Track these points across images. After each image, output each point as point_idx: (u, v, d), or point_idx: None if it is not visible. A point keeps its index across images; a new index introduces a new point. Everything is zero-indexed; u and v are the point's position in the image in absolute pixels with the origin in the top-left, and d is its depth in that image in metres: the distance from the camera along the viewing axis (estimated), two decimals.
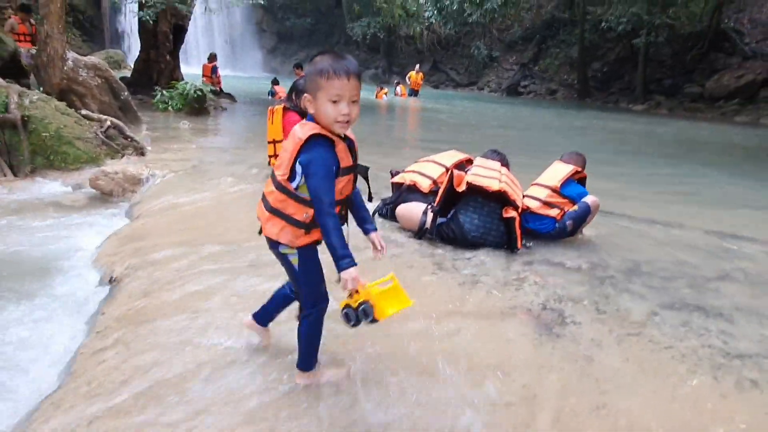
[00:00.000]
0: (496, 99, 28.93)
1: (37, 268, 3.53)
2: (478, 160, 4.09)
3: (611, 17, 27.78)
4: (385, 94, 21.37)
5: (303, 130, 1.88)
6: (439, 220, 3.88)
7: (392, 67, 38.13)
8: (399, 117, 16.68)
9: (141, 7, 11.72)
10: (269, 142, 5.43)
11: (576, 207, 3.99)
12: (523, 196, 4.02)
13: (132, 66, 14.21)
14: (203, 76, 14.50)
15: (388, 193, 4.60)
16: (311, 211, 1.88)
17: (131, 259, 3.49)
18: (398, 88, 22.99)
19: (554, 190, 4.03)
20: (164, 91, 10.64)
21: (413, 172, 4.43)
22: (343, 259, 1.82)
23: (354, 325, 1.88)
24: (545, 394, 2.15)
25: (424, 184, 4.26)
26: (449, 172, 3.90)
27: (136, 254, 3.58)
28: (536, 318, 2.82)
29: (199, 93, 10.42)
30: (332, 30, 41.82)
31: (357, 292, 1.86)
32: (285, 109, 5.32)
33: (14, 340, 2.66)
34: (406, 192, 4.31)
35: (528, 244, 3.86)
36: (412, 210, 4.04)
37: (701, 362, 2.41)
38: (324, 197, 1.81)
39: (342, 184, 1.92)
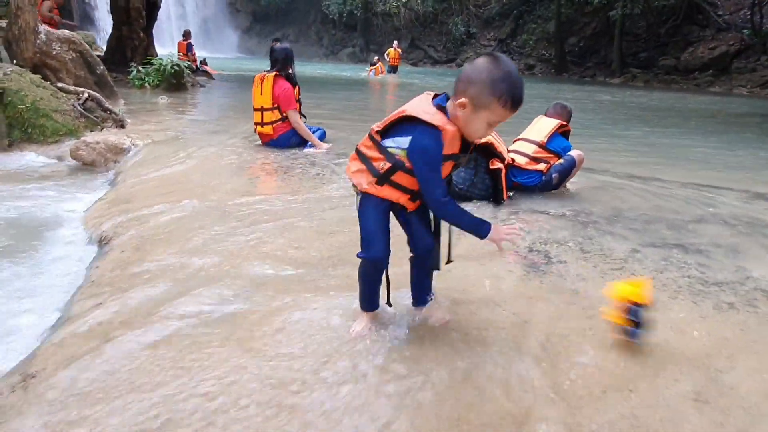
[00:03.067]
0: None
1: (27, 231, 3.51)
2: None
3: None
4: (374, 69, 21.58)
5: (429, 111, 1.77)
6: None
7: (369, 45, 37.83)
8: (387, 90, 16.64)
9: None
10: (256, 109, 5.42)
11: (562, 160, 4.07)
12: (509, 151, 4.09)
13: (104, 48, 13.86)
14: (178, 53, 14.26)
15: None
16: (388, 165, 1.84)
17: (118, 218, 3.48)
18: (378, 65, 22.87)
19: (541, 146, 4.09)
20: (140, 68, 10.45)
21: None
22: (482, 225, 1.82)
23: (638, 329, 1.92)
24: (535, 320, 2.24)
25: None
26: None
27: (123, 214, 3.57)
28: (523, 258, 2.91)
29: (176, 68, 10.26)
30: (308, 8, 41.26)
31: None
32: (276, 76, 5.31)
33: (11, 295, 2.66)
34: None
35: (511, 194, 3.94)
36: None
37: (681, 290, 2.52)
38: (436, 189, 1.76)
39: (445, 170, 1.85)
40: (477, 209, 3.69)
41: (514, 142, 4.25)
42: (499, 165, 3.79)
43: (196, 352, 1.94)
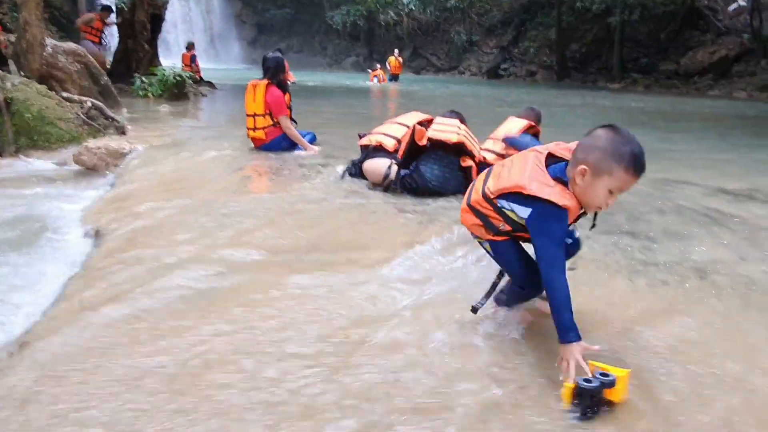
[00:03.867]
0: (477, 82, 29.25)
1: (31, 227, 3.79)
2: (438, 119, 4.39)
3: None
4: (376, 76, 22.03)
5: (549, 185, 1.73)
6: (402, 172, 4.19)
7: (373, 54, 38.28)
8: (386, 97, 16.95)
9: None
10: (249, 115, 5.70)
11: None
12: (481, 150, 4.34)
13: (110, 60, 14.32)
14: (183, 65, 14.65)
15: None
16: (509, 227, 1.87)
17: (115, 215, 3.76)
18: (380, 73, 23.23)
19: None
20: (143, 78, 10.82)
21: (378, 133, 4.72)
22: (569, 330, 1.68)
23: (594, 389, 1.55)
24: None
25: (389, 144, 4.55)
26: (412, 128, 4.20)
27: (119, 211, 3.84)
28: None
29: (178, 78, 10.62)
30: (312, 19, 41.84)
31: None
32: (268, 84, 5.60)
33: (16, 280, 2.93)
34: (372, 152, 4.60)
35: None
36: (377, 164, 4.34)
37: (621, 269, 2.75)
38: (555, 265, 1.72)
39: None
40: (449, 204, 3.93)
41: (486, 141, 4.50)
42: (471, 163, 4.04)
43: (172, 321, 2.19)
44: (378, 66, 24.75)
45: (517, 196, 1.78)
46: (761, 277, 2.74)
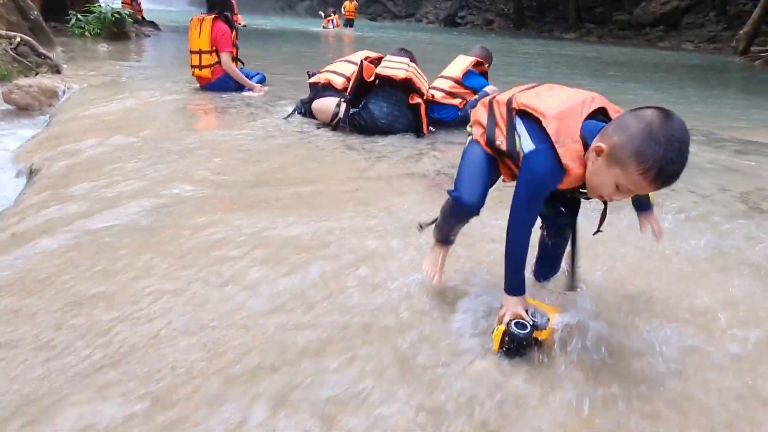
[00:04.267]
0: (434, 30, 28.79)
1: None
2: (388, 57, 4.32)
3: None
4: (331, 20, 21.27)
5: (572, 137, 1.47)
6: (351, 110, 4.13)
7: None
8: (341, 42, 16.51)
9: None
10: (193, 52, 5.45)
11: (477, 96, 4.32)
12: (430, 88, 4.31)
13: None
14: (122, 3, 13.77)
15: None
16: (505, 147, 1.61)
17: (49, 153, 3.58)
18: (334, 18, 22.52)
19: (456, 81, 4.34)
20: (80, 15, 10.13)
21: (327, 71, 4.62)
22: (513, 284, 1.61)
23: (525, 336, 1.52)
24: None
25: (338, 81, 4.47)
26: (360, 63, 4.12)
27: (53, 149, 3.67)
28: (430, 180, 3.18)
29: (117, 16, 10.01)
30: None
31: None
32: (215, 18, 5.33)
33: None
34: (321, 90, 4.51)
35: (433, 129, 4.19)
36: (326, 103, 4.27)
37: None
38: (524, 214, 1.56)
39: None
40: (398, 141, 3.93)
41: (435, 79, 4.47)
42: (419, 100, 4.02)
43: (108, 253, 2.13)
44: (332, 11, 23.95)
45: (533, 125, 1.53)
46: (688, 205, 2.88)
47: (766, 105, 7.62)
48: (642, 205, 1.72)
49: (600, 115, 1.54)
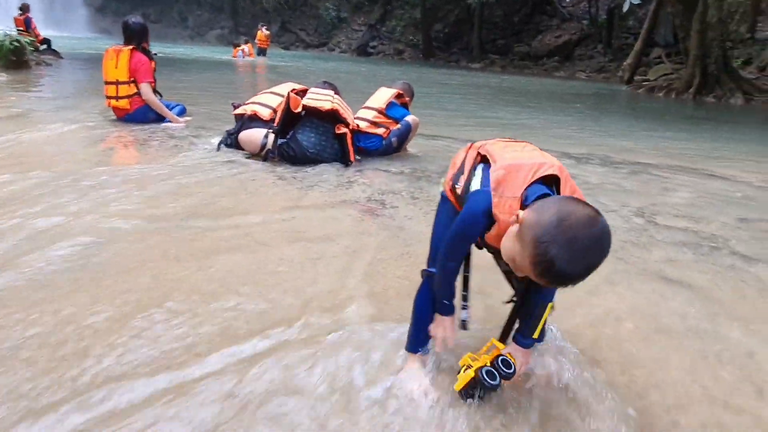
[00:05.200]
0: (347, 59, 29.40)
1: None
2: (312, 89, 4.47)
3: None
4: (241, 50, 21.00)
5: (515, 193, 1.38)
6: (279, 140, 4.22)
7: (239, 28, 36.78)
8: (256, 72, 16.45)
9: None
10: (109, 83, 5.30)
11: (399, 126, 4.57)
12: (355, 118, 4.50)
13: None
14: (17, 28, 12.99)
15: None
16: (460, 190, 1.61)
17: None
18: (246, 47, 22.37)
19: (380, 111, 4.56)
20: None
21: (253, 103, 4.69)
22: (444, 306, 1.59)
23: (495, 387, 1.47)
24: (363, 250, 2.64)
25: (264, 113, 4.55)
26: (287, 95, 4.23)
27: None
28: (362, 206, 3.32)
29: (16, 44, 9.43)
30: None
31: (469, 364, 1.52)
32: (133, 49, 5.23)
33: None
34: (247, 121, 4.57)
35: (359, 158, 4.37)
36: (254, 134, 4.33)
37: None
38: (449, 251, 1.54)
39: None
40: (327, 170, 4.05)
41: (359, 110, 4.68)
42: (345, 130, 4.18)
43: (44, 293, 2.08)
44: (245, 40, 23.83)
45: (488, 171, 1.50)
46: None
47: (649, 129, 8.51)
48: (523, 337, 1.59)
49: (553, 184, 1.46)
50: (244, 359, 1.70)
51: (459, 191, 1.61)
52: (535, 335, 1.57)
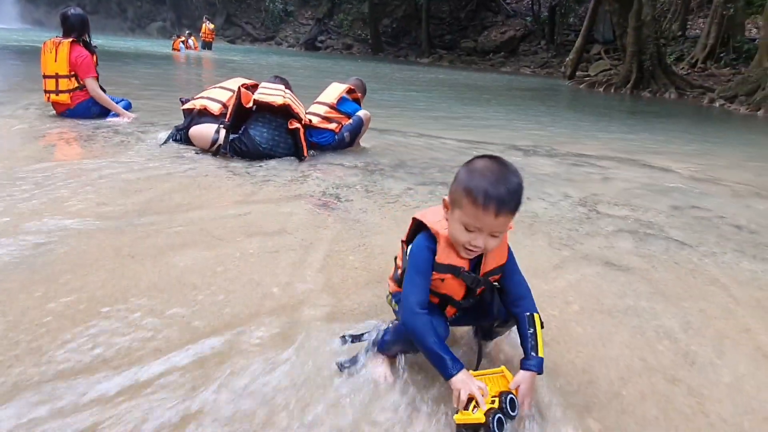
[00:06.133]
0: (295, 53, 29.09)
1: None
2: (263, 84, 4.44)
3: None
4: (182, 42, 20.33)
5: (437, 216, 1.55)
6: (231, 136, 4.18)
7: (181, 20, 35.68)
8: (201, 66, 16.03)
9: None
10: (48, 77, 5.08)
11: (351, 120, 4.61)
12: (307, 113, 4.51)
13: None
14: None
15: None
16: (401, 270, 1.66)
17: None
18: (190, 41, 21.79)
19: (331, 107, 4.59)
20: None
21: (202, 98, 4.62)
22: (447, 364, 1.43)
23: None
24: (319, 243, 2.68)
25: (214, 108, 4.49)
26: (237, 90, 4.19)
27: None
28: (317, 200, 3.35)
29: None
30: None
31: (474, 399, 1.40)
32: (73, 42, 5.03)
33: None
34: (197, 116, 4.49)
35: (313, 153, 4.38)
36: (204, 129, 4.27)
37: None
38: (410, 296, 1.49)
39: (449, 287, 1.57)
40: (281, 165, 4.05)
41: (311, 105, 4.68)
42: (297, 125, 4.18)
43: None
44: (188, 32, 23.18)
45: (419, 235, 1.60)
46: (541, 211, 3.37)
47: (591, 123, 8.89)
48: (528, 360, 1.52)
49: None
50: (205, 356, 1.71)
51: (400, 273, 1.67)
52: (540, 353, 1.52)
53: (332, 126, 4.56)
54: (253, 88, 4.62)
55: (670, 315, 2.21)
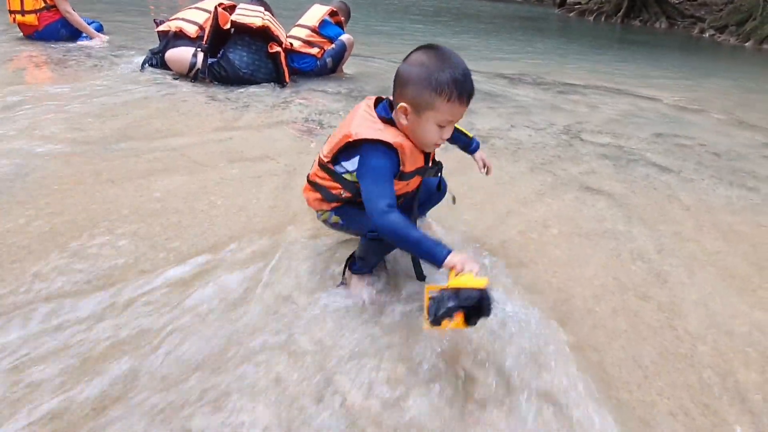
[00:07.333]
0: None
1: None
2: (241, 5, 4.25)
3: None
4: None
5: (377, 128, 1.48)
6: (210, 60, 4.04)
7: None
8: None
9: None
10: None
11: (333, 45, 4.46)
12: (288, 37, 4.35)
13: None
14: None
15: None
16: (348, 194, 1.62)
17: None
18: None
19: (313, 30, 4.42)
20: None
21: (178, 19, 4.42)
22: (437, 248, 1.35)
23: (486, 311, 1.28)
24: (301, 168, 2.66)
25: (191, 30, 4.31)
26: (214, 10, 4.01)
27: None
28: (299, 125, 3.30)
29: None
30: None
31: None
32: None
33: None
34: (173, 39, 4.32)
35: (294, 78, 4.27)
36: (181, 53, 4.11)
37: None
38: (379, 200, 1.41)
39: (406, 183, 1.59)
40: (262, 90, 3.95)
41: (292, 28, 4.51)
42: (278, 49, 4.05)
43: None
44: None
45: (348, 151, 1.54)
46: (525, 138, 3.37)
47: (579, 51, 8.73)
48: (468, 147, 1.91)
49: (380, 100, 1.61)
50: (189, 276, 1.73)
51: (347, 196, 1.64)
52: (469, 135, 1.92)
53: (314, 51, 4.41)
54: (231, 9, 4.42)
55: (645, 238, 2.27)
